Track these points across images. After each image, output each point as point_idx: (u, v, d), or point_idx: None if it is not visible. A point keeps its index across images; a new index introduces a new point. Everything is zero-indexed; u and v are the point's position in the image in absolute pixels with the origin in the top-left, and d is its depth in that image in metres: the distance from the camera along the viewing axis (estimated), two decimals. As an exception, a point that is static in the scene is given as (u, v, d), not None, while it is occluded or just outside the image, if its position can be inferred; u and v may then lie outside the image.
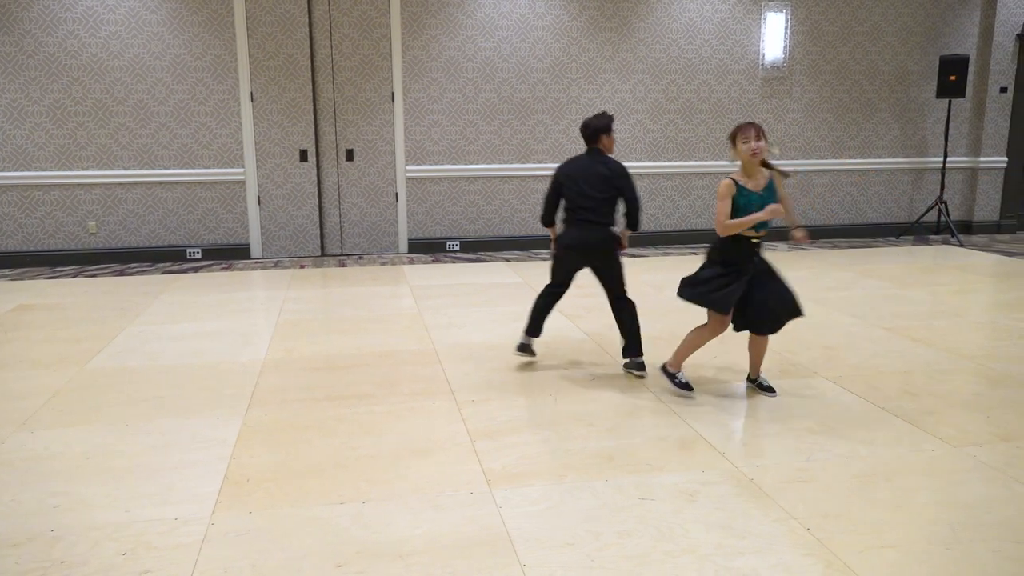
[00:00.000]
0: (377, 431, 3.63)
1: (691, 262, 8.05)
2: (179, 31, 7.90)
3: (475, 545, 2.63)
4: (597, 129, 4.36)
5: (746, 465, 3.24)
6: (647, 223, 9.17)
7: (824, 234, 9.64)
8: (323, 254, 8.59)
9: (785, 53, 9.13)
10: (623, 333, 4.43)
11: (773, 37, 9.06)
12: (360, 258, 8.48)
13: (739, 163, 3.79)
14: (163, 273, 7.67)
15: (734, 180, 3.75)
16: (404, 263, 8.19)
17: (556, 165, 8.75)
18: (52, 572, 2.48)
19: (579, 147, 9.11)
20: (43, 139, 7.83)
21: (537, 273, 7.36)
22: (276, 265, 8.09)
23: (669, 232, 9.25)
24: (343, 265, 8.10)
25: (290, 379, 4.40)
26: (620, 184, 4.27)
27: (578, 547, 2.61)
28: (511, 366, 4.59)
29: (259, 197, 8.32)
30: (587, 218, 4.29)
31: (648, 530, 2.72)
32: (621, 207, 4.34)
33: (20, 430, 3.65)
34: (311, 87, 8.21)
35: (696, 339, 4.04)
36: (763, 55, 9.09)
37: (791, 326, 5.40)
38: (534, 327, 4.59)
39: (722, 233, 3.78)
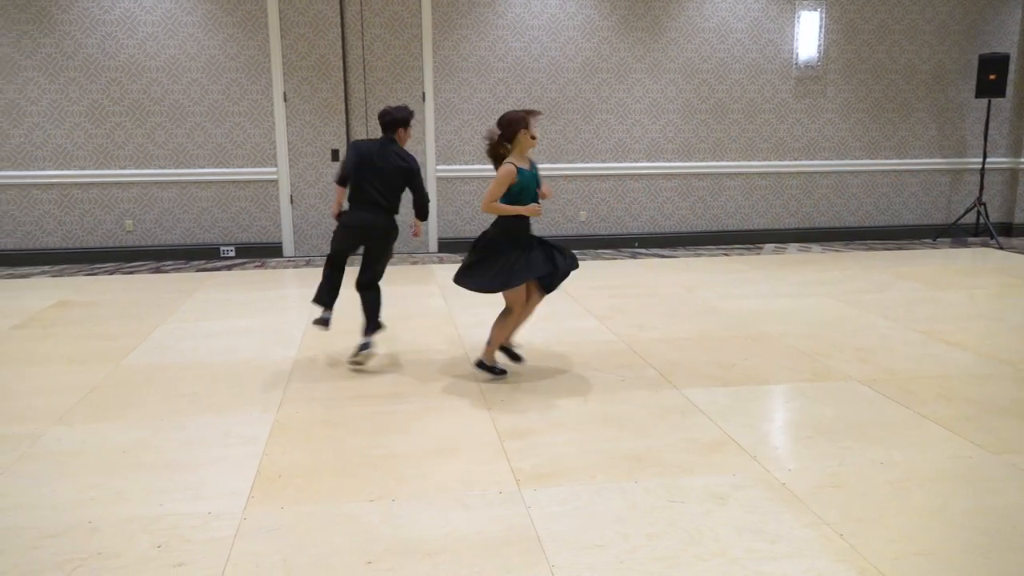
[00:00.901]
0: (406, 430, 3.65)
1: (723, 263, 7.99)
2: (214, 32, 8.01)
3: (503, 545, 2.64)
4: (395, 120, 4.52)
5: (778, 469, 3.20)
6: (679, 224, 9.12)
7: (859, 236, 9.50)
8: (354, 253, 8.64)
9: (819, 52, 9.02)
10: (367, 313, 4.60)
11: (807, 36, 8.94)
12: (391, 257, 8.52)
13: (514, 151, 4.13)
14: (197, 271, 7.78)
15: (515, 165, 4.07)
16: (434, 262, 8.22)
17: (587, 165, 8.76)
18: (89, 563, 2.53)
19: (609, 147, 9.09)
20: (82, 138, 7.98)
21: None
22: (308, 263, 8.17)
23: (701, 233, 9.18)
24: (373, 264, 8.14)
25: (321, 377, 4.44)
26: (412, 178, 4.53)
27: (607, 548, 2.60)
28: (540, 366, 4.59)
29: (291, 196, 8.41)
30: (375, 201, 4.49)
31: (678, 533, 2.70)
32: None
33: (57, 424, 3.73)
34: (343, 87, 8.27)
35: (509, 324, 4.32)
36: (797, 54, 8.98)
37: (823, 330, 5.35)
38: (323, 299, 4.74)
39: (485, 210, 4.13)
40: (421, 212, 4.63)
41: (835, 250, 8.84)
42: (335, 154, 8.35)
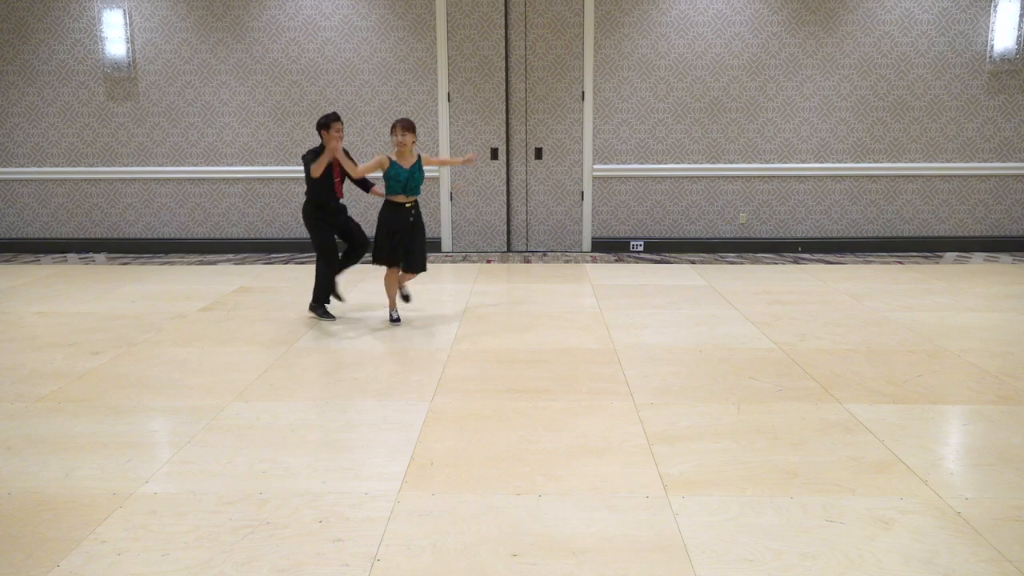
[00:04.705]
0: (555, 427, 3.68)
1: (896, 272, 7.48)
2: (386, 35, 8.40)
3: (649, 550, 2.60)
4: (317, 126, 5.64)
5: (952, 496, 2.95)
6: (847, 228, 8.61)
7: (1057, 246, 8.57)
8: (509, 250, 8.81)
9: (1019, 44, 8.21)
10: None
11: (1005, 26, 8.16)
12: (544, 255, 8.62)
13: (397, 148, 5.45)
14: (363, 263, 8.18)
15: (390, 157, 5.45)
16: (587, 262, 8.22)
17: (749, 165, 8.46)
18: (259, 531, 2.74)
19: (774, 147, 8.73)
20: (265, 137, 8.62)
21: (723, 276, 7.13)
22: (464, 259, 8.40)
23: (872, 239, 8.62)
24: (527, 261, 8.26)
25: (474, 369, 4.56)
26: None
27: (757, 564, 2.50)
28: (692, 371, 4.48)
29: (451, 193, 8.68)
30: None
31: (835, 555, 2.55)
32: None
33: (237, 400, 4.05)
34: (504, 87, 8.44)
35: (392, 285, 5.64)
36: (991, 46, 8.23)
37: (1012, 348, 4.88)
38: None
39: (353, 174, 5.53)
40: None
41: (1029, 261, 8.03)
42: (494, 152, 8.54)
